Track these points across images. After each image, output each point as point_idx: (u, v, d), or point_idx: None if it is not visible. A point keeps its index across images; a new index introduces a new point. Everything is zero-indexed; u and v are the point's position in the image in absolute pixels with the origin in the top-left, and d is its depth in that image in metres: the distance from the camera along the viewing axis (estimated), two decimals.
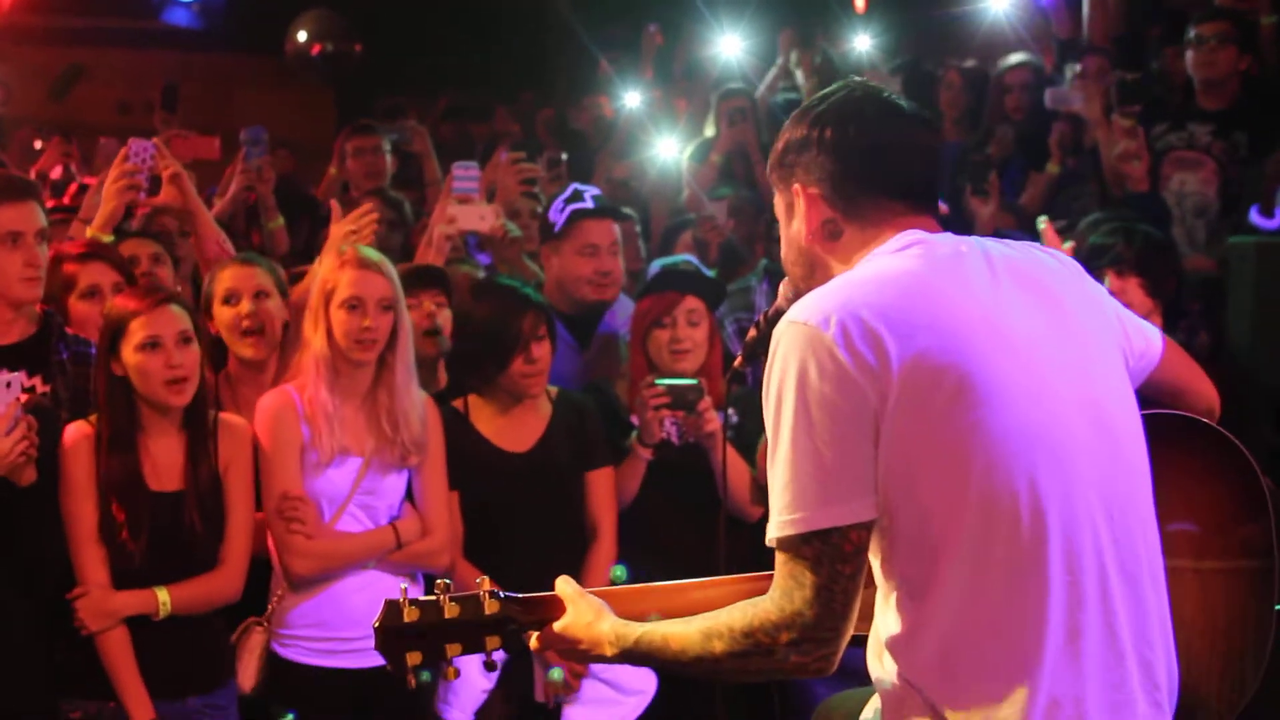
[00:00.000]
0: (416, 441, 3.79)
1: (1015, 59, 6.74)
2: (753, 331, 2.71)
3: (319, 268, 3.88)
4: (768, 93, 7.70)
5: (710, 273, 5.17)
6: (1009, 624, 2.02)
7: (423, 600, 2.28)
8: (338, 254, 3.81)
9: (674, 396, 4.05)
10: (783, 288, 2.52)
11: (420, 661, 2.28)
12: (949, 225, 2.28)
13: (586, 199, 4.65)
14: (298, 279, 4.23)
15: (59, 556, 3.48)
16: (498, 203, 5.00)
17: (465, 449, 3.99)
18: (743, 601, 2.13)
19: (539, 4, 10.05)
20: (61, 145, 7.09)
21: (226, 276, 4.02)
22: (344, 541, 3.75)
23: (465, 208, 4.69)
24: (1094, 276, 2.37)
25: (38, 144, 7.65)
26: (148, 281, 4.07)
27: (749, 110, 6.85)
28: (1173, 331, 4.01)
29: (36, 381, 3.63)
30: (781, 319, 2.11)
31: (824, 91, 2.30)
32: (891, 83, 6.37)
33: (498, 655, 2.33)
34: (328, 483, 3.74)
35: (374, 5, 9.41)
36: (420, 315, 4.19)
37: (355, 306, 3.72)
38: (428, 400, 3.90)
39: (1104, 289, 2.39)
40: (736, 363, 2.81)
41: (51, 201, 5.33)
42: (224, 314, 3.99)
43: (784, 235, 2.34)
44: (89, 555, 3.46)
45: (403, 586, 2.36)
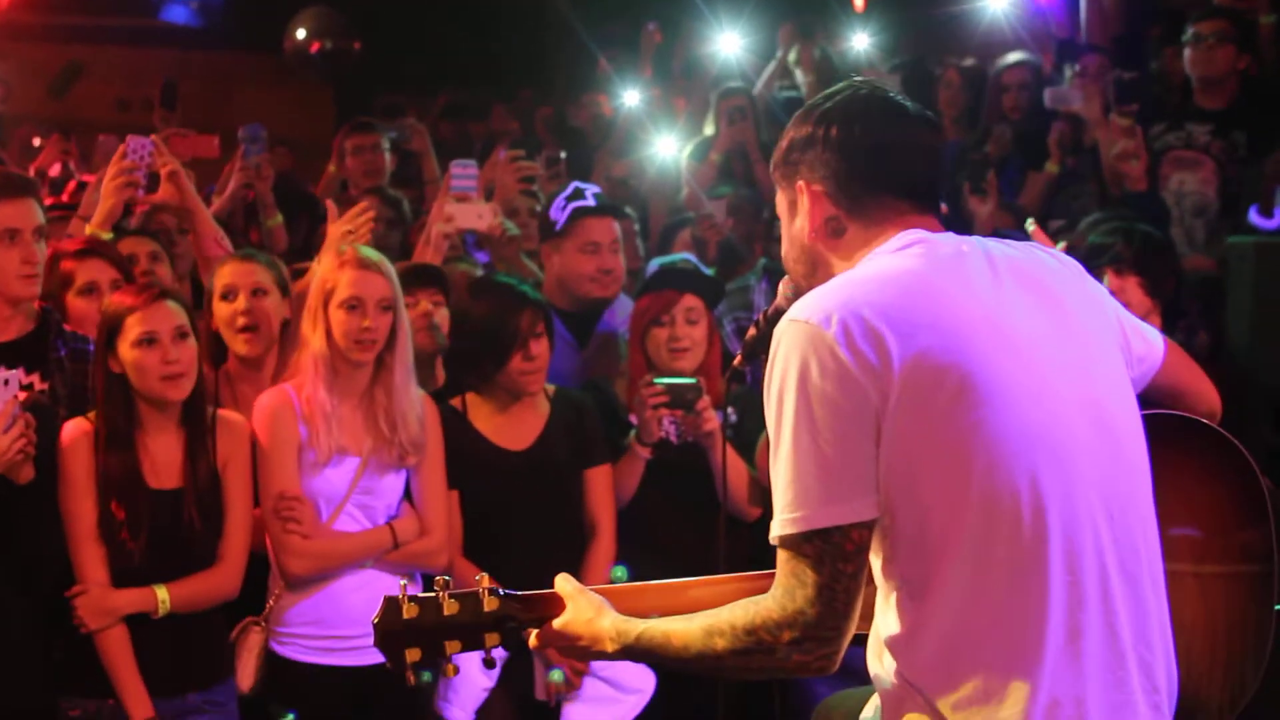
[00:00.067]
0: (414, 441, 3.78)
1: (1013, 58, 6.72)
2: (752, 330, 2.71)
3: (318, 266, 3.88)
4: (765, 89, 7.69)
5: (709, 271, 5.16)
6: (1010, 624, 2.02)
7: (422, 597, 2.28)
8: (337, 253, 3.81)
9: (673, 395, 4.05)
10: (782, 286, 2.52)
11: (419, 659, 2.27)
12: (948, 224, 2.28)
13: (588, 197, 4.66)
14: (300, 275, 4.23)
15: (57, 554, 3.47)
16: (496, 201, 5.00)
17: (464, 447, 3.99)
18: (745, 599, 2.12)
19: (538, 2, 10.03)
20: (60, 143, 7.09)
21: (226, 273, 4.03)
22: (340, 541, 3.74)
23: (463, 206, 4.68)
24: (1093, 275, 2.37)
25: (36, 141, 7.64)
26: (146, 279, 4.07)
27: (748, 109, 6.83)
28: (1172, 331, 4.02)
29: (34, 379, 3.62)
30: (783, 317, 2.12)
31: (829, 90, 2.31)
32: (890, 81, 6.37)
33: (497, 653, 2.33)
34: (325, 482, 3.73)
35: (373, 3, 9.40)
36: (417, 314, 4.19)
37: (355, 307, 3.71)
38: (426, 400, 3.90)
39: (1105, 289, 2.39)
40: (736, 361, 2.81)
41: (50, 199, 5.33)
42: (222, 310, 4.00)
43: (786, 233, 2.34)
44: (88, 553, 3.46)
45: (402, 583, 2.36)
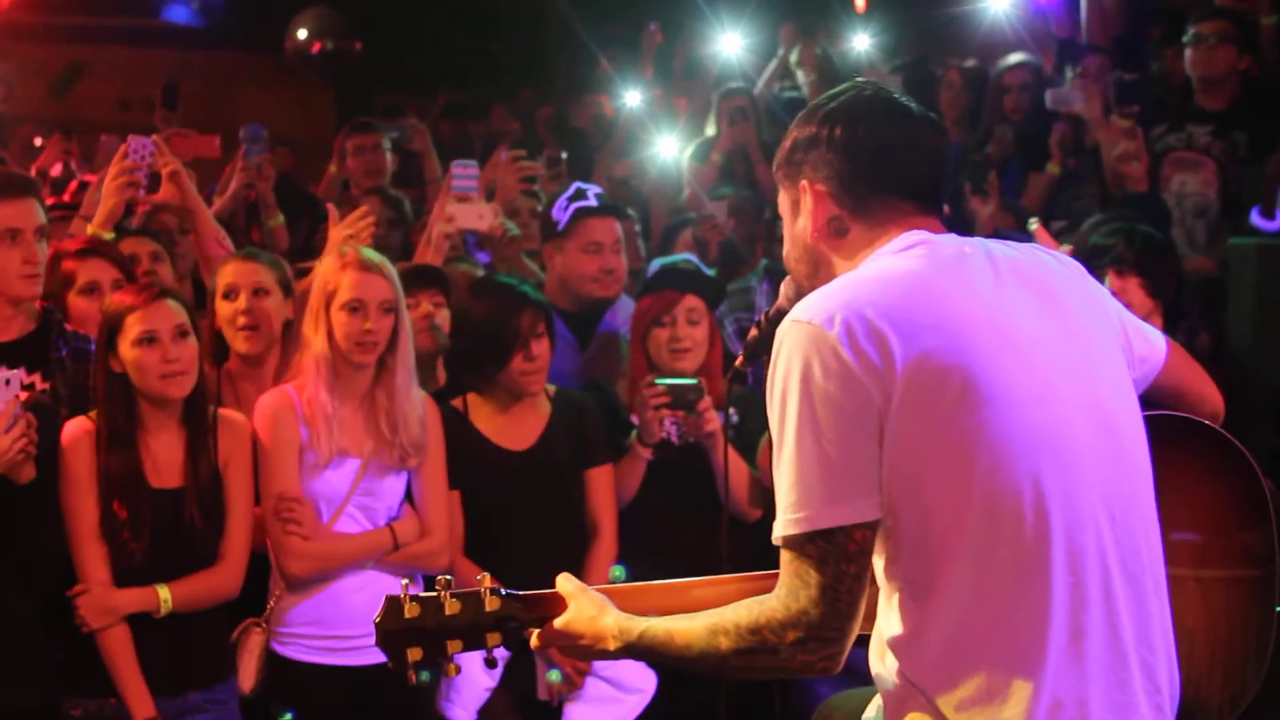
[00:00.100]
0: (415, 443, 3.78)
1: (1014, 59, 6.72)
2: (754, 331, 2.71)
3: (320, 268, 3.88)
4: (766, 88, 7.68)
5: (710, 272, 5.16)
6: (1012, 624, 2.02)
7: (424, 597, 2.28)
8: (339, 255, 3.81)
9: (674, 396, 4.05)
10: (783, 287, 2.52)
11: (421, 658, 2.27)
12: (949, 225, 2.29)
13: (590, 197, 4.66)
14: (304, 275, 4.22)
15: (58, 554, 3.47)
16: (497, 201, 5.00)
17: (465, 448, 3.98)
18: (750, 599, 2.12)
19: (539, 2, 10.03)
20: (62, 142, 7.10)
21: (229, 271, 4.04)
22: (340, 543, 3.74)
23: (464, 206, 4.68)
24: (1094, 276, 2.37)
25: (38, 141, 7.65)
26: (147, 279, 4.07)
27: (750, 110, 6.83)
28: (1173, 332, 4.01)
29: (36, 379, 3.63)
30: (785, 318, 2.12)
31: (833, 91, 2.31)
32: (891, 82, 6.36)
33: (499, 652, 2.33)
34: (326, 484, 3.73)
35: (374, 3, 9.40)
36: (419, 315, 4.19)
37: (356, 309, 3.71)
38: (428, 401, 3.89)
39: (1106, 291, 2.39)
40: (737, 362, 2.81)
41: (52, 199, 5.33)
42: (224, 308, 4.01)
43: (788, 233, 2.34)
44: (90, 553, 3.45)
45: (404, 582, 2.36)
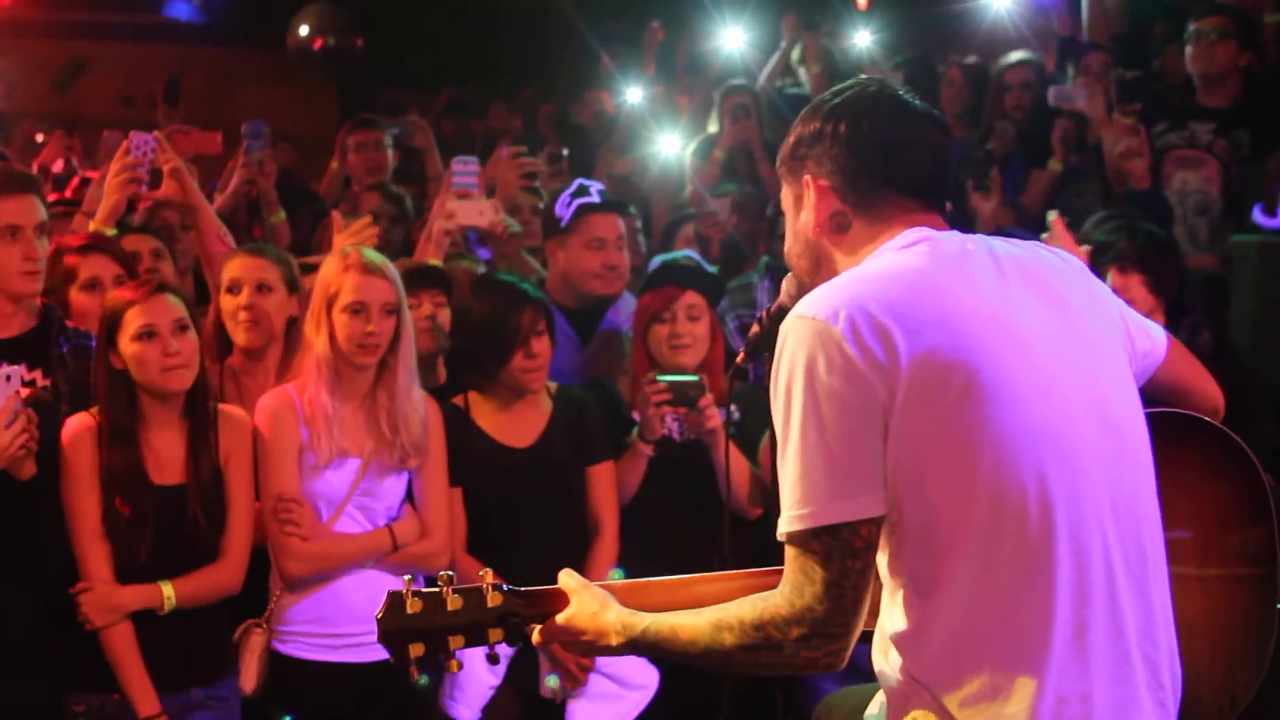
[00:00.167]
0: (416, 444, 3.77)
1: (1015, 57, 6.71)
2: (755, 327, 2.70)
3: (323, 269, 3.87)
4: (768, 82, 7.67)
5: (712, 269, 5.16)
6: (1016, 620, 2.02)
7: (426, 592, 2.28)
8: (341, 256, 3.80)
9: (675, 393, 4.05)
10: (785, 284, 2.52)
11: (423, 654, 2.27)
12: (951, 222, 2.28)
13: (593, 193, 4.66)
14: (310, 270, 4.22)
15: (59, 550, 3.46)
16: (498, 198, 4.99)
17: (466, 445, 3.98)
18: (754, 595, 2.12)
19: None
20: (63, 139, 7.10)
21: (234, 266, 4.06)
22: (339, 543, 3.73)
23: (464, 203, 4.68)
24: (1097, 273, 2.37)
25: (40, 137, 7.66)
26: (148, 276, 4.08)
27: (752, 106, 6.83)
28: (1175, 330, 4.01)
29: (37, 375, 3.62)
30: (789, 313, 2.11)
31: (838, 87, 2.31)
32: (893, 78, 6.36)
33: (501, 648, 2.33)
34: (326, 484, 3.73)
35: (376, 0, 9.41)
36: (420, 316, 4.18)
37: (358, 311, 3.70)
38: (429, 401, 3.88)
39: (1108, 288, 2.39)
40: (738, 359, 2.80)
41: (54, 195, 5.33)
42: (227, 302, 4.03)
43: (790, 228, 2.34)
44: (93, 550, 3.45)
45: (407, 578, 2.36)
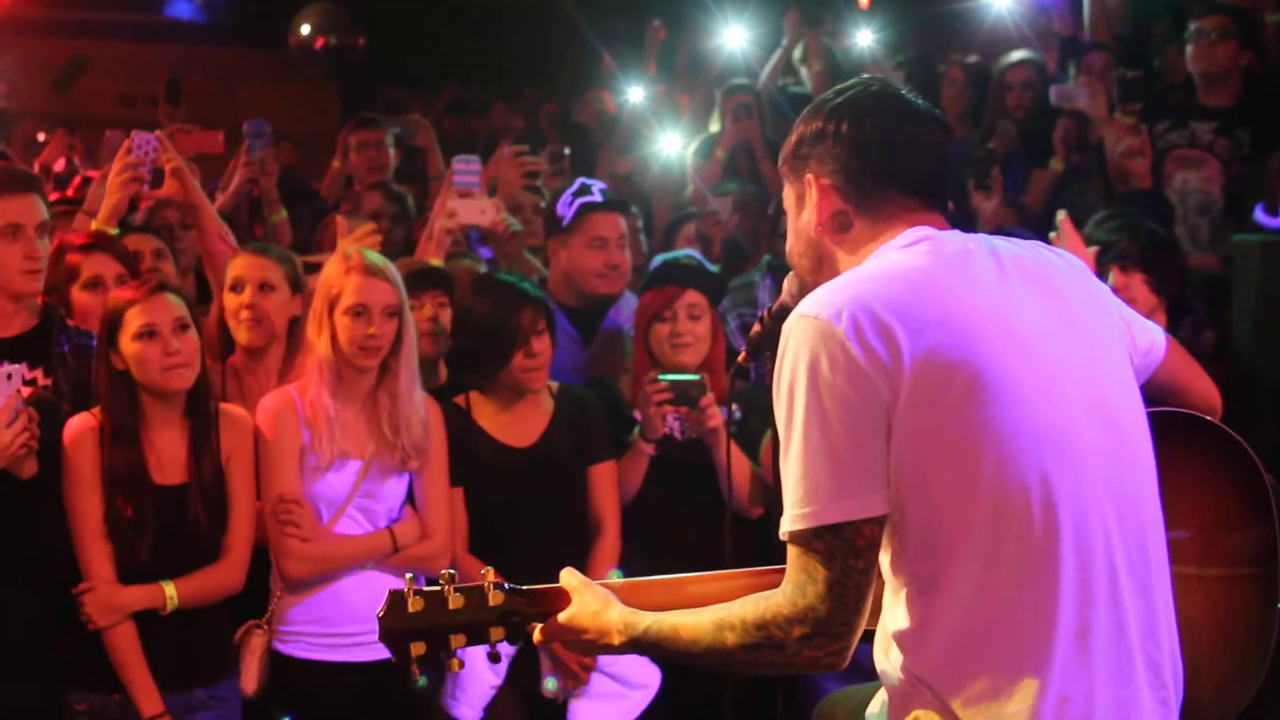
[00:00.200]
0: (417, 446, 3.77)
1: (1017, 56, 6.71)
2: (756, 326, 2.70)
3: (324, 271, 3.87)
4: (770, 79, 7.67)
5: (713, 268, 5.16)
6: (1019, 620, 2.02)
7: (427, 591, 2.28)
8: (343, 258, 3.80)
9: (677, 392, 4.05)
10: (787, 283, 2.52)
11: (424, 652, 2.27)
12: (952, 221, 2.29)
13: (594, 192, 4.66)
14: (314, 269, 4.22)
15: (60, 550, 3.46)
16: (499, 196, 4.99)
17: (468, 445, 3.98)
18: (756, 594, 2.12)
19: None
20: (65, 138, 7.10)
21: (238, 264, 4.06)
22: (339, 545, 3.73)
23: (465, 202, 4.68)
24: (1098, 273, 2.37)
25: (41, 136, 7.66)
26: (149, 275, 4.08)
27: (753, 106, 6.83)
28: (1177, 329, 4.02)
29: (38, 374, 3.62)
30: (792, 312, 2.11)
31: (840, 86, 2.31)
32: (895, 77, 6.36)
33: (502, 647, 2.32)
34: (327, 486, 3.72)
35: None
36: (422, 318, 4.18)
37: (360, 313, 3.70)
38: (430, 403, 3.87)
39: (1108, 288, 2.40)
40: (740, 358, 2.80)
41: (55, 194, 5.33)
42: (229, 301, 4.04)
43: (792, 227, 2.34)
44: (95, 550, 3.44)
45: (409, 577, 2.36)
